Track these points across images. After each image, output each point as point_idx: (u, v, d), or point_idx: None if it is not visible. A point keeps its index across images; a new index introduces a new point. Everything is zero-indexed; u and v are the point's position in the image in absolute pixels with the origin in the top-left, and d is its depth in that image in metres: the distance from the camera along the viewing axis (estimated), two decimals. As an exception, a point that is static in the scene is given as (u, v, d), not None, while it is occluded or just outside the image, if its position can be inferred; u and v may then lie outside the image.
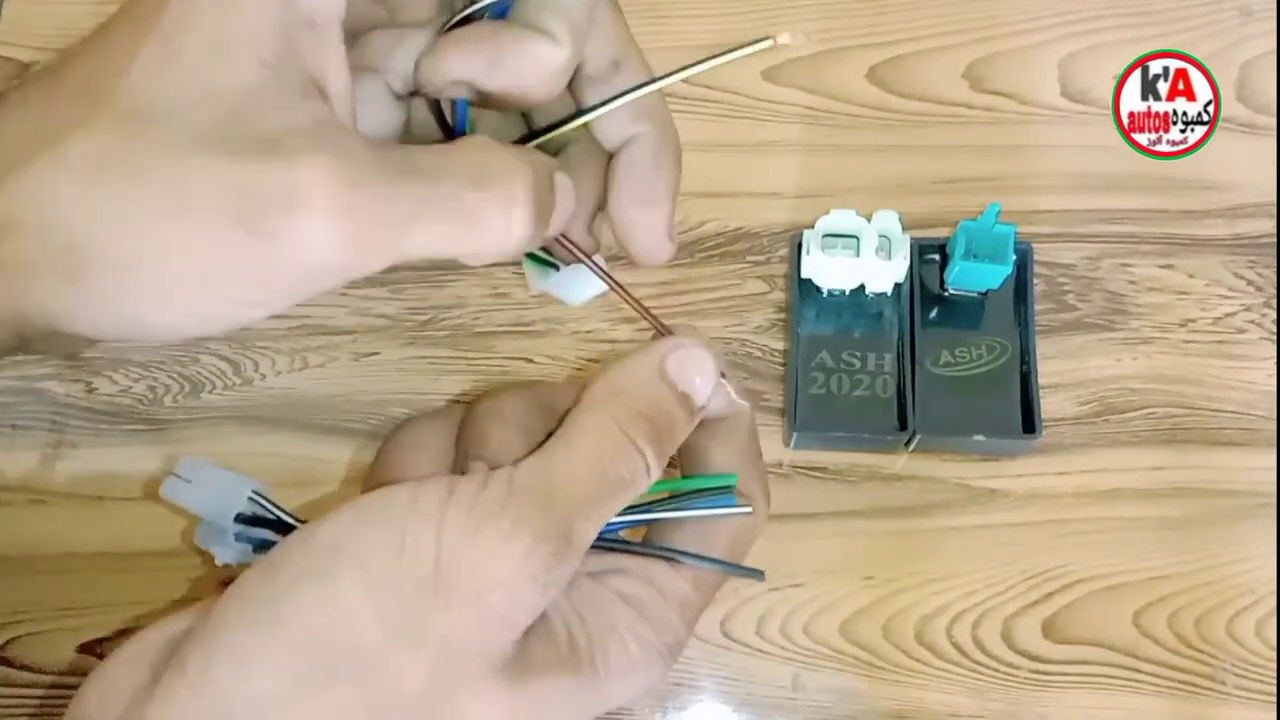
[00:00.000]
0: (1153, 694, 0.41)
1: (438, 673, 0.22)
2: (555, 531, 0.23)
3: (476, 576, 0.22)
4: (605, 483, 0.24)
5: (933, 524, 0.43)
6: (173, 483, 0.28)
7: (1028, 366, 0.43)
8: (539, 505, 0.23)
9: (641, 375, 0.26)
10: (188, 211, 0.21)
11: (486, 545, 0.22)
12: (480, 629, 0.22)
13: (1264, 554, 0.42)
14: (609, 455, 0.25)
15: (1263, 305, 0.46)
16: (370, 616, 0.22)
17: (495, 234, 0.23)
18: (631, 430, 0.25)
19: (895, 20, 0.51)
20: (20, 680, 0.42)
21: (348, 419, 0.45)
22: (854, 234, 0.43)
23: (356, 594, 0.22)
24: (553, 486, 0.24)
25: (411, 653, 0.22)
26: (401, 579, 0.22)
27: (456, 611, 0.22)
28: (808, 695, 0.41)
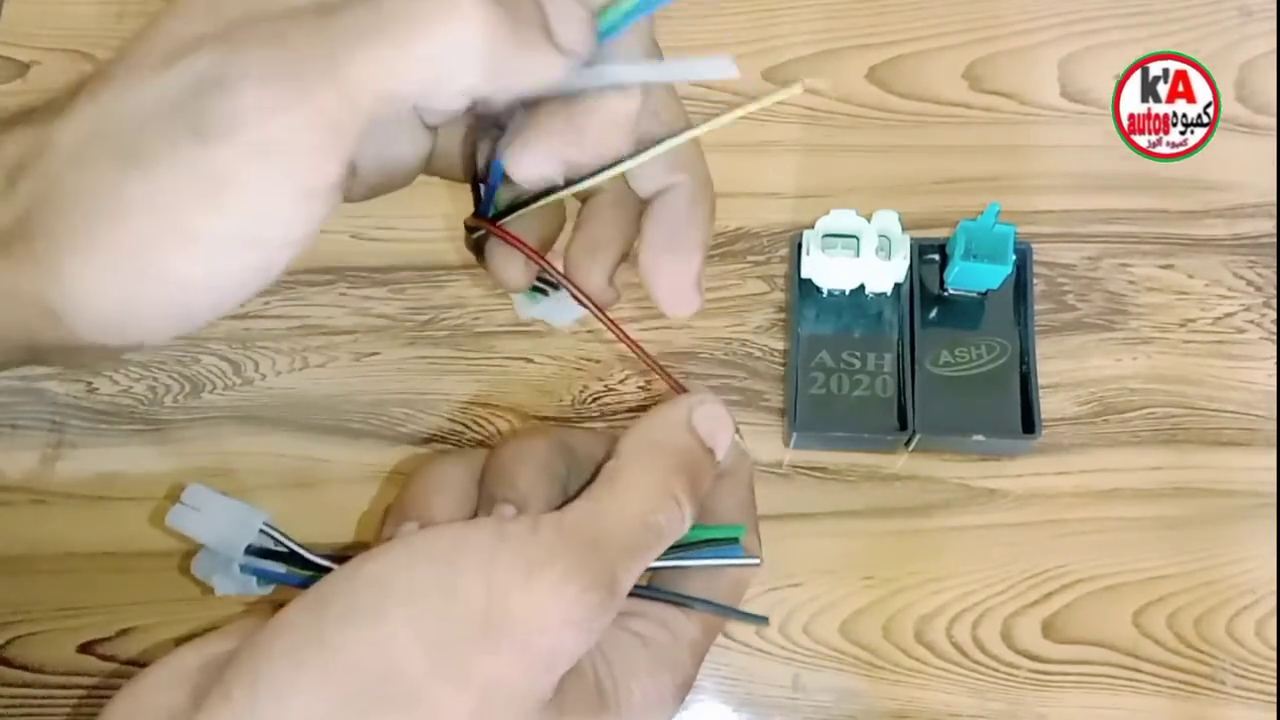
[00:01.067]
0: (1153, 694, 0.41)
1: (480, 714, 0.22)
2: (602, 580, 0.23)
3: (526, 621, 0.22)
4: (647, 533, 0.25)
5: (932, 524, 0.43)
6: (180, 511, 0.28)
7: (1027, 366, 0.43)
8: (588, 553, 0.23)
9: (676, 430, 0.27)
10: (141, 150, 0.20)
11: (538, 590, 0.22)
12: (527, 673, 0.23)
13: (1264, 554, 0.42)
14: (652, 507, 0.25)
15: (1262, 305, 0.46)
16: (417, 654, 0.22)
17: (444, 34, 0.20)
18: (672, 482, 0.26)
19: (895, 20, 0.51)
20: (20, 680, 0.42)
21: (348, 419, 0.45)
22: (854, 234, 0.43)
23: (405, 631, 0.22)
24: (600, 535, 0.24)
25: (456, 692, 0.22)
26: (451, 618, 0.22)
27: (504, 654, 0.22)
28: (808, 695, 0.41)
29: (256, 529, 0.28)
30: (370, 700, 0.21)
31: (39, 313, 0.22)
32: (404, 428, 0.45)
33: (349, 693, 0.21)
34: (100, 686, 0.41)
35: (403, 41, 0.20)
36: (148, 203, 0.20)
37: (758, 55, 0.51)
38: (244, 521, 0.28)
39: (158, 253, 0.20)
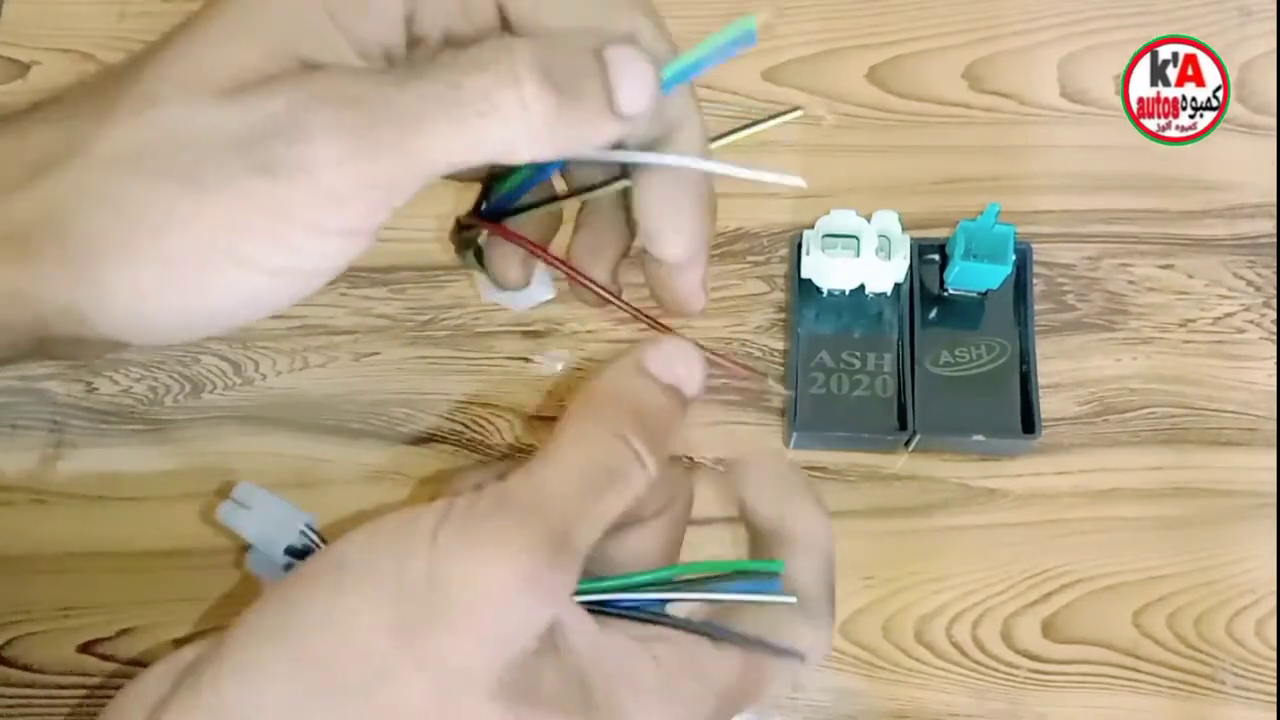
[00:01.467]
0: (1153, 694, 0.41)
1: (440, 690, 0.22)
2: (544, 538, 0.22)
3: (468, 591, 0.22)
4: (593, 480, 0.24)
5: (932, 524, 0.43)
6: (229, 507, 0.28)
7: (1027, 366, 0.43)
8: (527, 512, 0.23)
9: (622, 375, 0.26)
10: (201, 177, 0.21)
11: (476, 558, 0.22)
12: (478, 645, 0.22)
13: (1264, 554, 0.42)
14: (593, 452, 0.24)
15: (1262, 305, 0.46)
16: (375, 632, 0.22)
17: (510, 115, 0.22)
18: (613, 424, 0.24)
19: (895, 20, 0.51)
20: (20, 680, 0.42)
21: (348, 419, 0.45)
22: (854, 234, 0.43)
23: (362, 609, 0.22)
24: (541, 492, 0.23)
25: (414, 669, 0.22)
26: (402, 597, 0.22)
27: (450, 627, 0.22)
28: (808, 695, 0.41)
29: (298, 530, 0.28)
30: (332, 677, 0.21)
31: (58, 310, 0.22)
32: (404, 428, 0.45)
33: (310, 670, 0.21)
34: (100, 686, 0.41)
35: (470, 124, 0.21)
36: (202, 223, 0.21)
37: (758, 55, 0.51)
38: (287, 521, 0.28)
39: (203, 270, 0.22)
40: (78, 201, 0.21)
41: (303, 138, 0.21)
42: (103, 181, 0.21)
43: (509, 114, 0.22)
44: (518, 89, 0.22)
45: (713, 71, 0.53)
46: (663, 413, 0.26)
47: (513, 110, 0.22)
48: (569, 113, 0.22)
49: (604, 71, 0.23)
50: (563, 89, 0.22)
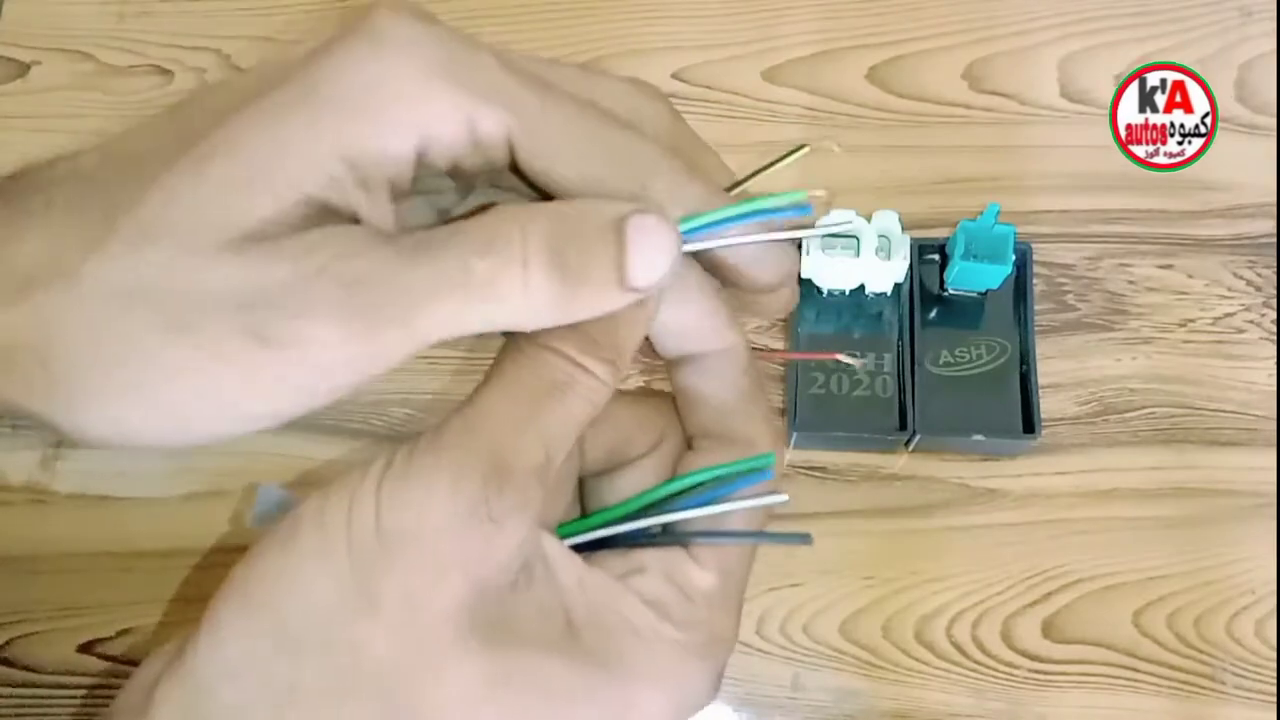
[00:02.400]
0: (1152, 694, 0.41)
1: (402, 637, 0.21)
2: (479, 460, 0.22)
3: (413, 524, 0.21)
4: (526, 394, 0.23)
5: (932, 524, 0.43)
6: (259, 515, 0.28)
7: (1027, 366, 0.43)
8: (460, 441, 0.22)
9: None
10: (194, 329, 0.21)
11: (412, 497, 0.21)
12: (435, 584, 0.21)
13: (1264, 554, 0.42)
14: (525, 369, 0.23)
15: (1262, 305, 0.46)
16: (326, 582, 0.21)
17: (513, 300, 0.22)
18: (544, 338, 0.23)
19: (895, 20, 0.51)
20: (20, 680, 0.42)
21: (348, 419, 0.45)
22: (854, 234, 0.43)
23: (312, 561, 0.22)
24: (471, 420, 0.22)
25: (369, 617, 0.21)
26: (350, 542, 0.21)
27: (403, 564, 0.21)
28: (807, 695, 0.41)
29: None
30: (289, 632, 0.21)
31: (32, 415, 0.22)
32: (404, 428, 0.45)
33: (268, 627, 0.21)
34: (100, 686, 0.41)
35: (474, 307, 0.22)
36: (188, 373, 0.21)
37: (758, 55, 0.51)
38: None
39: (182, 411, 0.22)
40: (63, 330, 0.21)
41: (304, 313, 0.21)
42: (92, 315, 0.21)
43: (513, 298, 0.22)
44: (524, 273, 0.22)
45: (713, 72, 0.53)
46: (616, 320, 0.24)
47: (516, 295, 0.22)
48: (574, 293, 0.22)
49: (620, 247, 0.22)
50: (568, 273, 0.22)
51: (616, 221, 0.23)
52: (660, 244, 0.23)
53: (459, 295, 0.21)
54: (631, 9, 0.52)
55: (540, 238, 0.22)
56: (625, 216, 0.23)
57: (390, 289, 0.21)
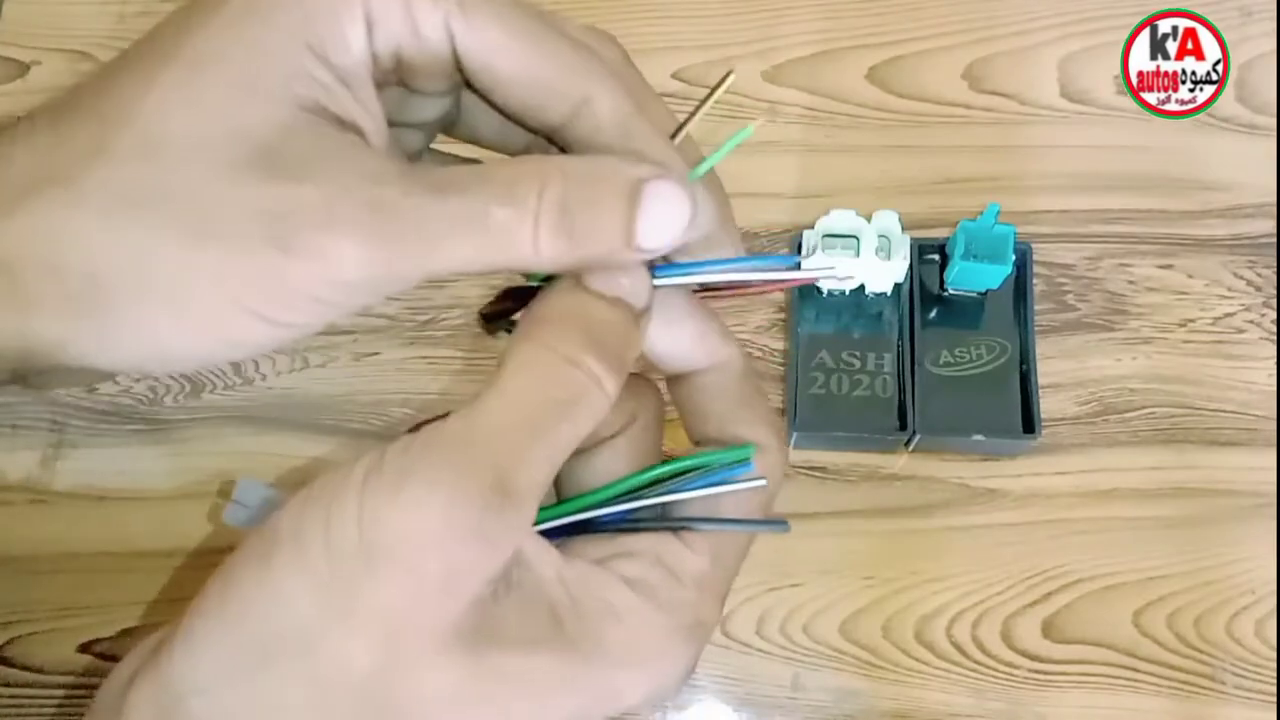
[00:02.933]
0: (1152, 694, 0.41)
1: (384, 649, 0.21)
2: (479, 478, 0.21)
3: (401, 540, 0.20)
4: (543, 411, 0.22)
5: (932, 524, 0.43)
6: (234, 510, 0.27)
7: (1027, 366, 0.43)
8: (459, 452, 0.21)
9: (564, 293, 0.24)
10: (219, 236, 0.21)
11: (405, 507, 0.20)
12: (420, 598, 0.21)
13: (1264, 554, 0.42)
14: (542, 380, 0.22)
15: (1262, 305, 0.46)
16: (303, 595, 0.21)
17: (522, 251, 0.22)
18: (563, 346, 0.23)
19: (895, 20, 0.51)
20: (20, 680, 0.42)
21: (348, 419, 0.45)
22: (854, 234, 0.43)
23: (289, 573, 0.21)
24: (477, 429, 0.22)
25: (349, 630, 0.21)
26: (330, 553, 0.21)
27: (387, 580, 0.20)
28: (807, 695, 0.41)
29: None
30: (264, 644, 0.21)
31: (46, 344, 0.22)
32: (404, 428, 0.45)
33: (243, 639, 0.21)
34: (100, 686, 0.41)
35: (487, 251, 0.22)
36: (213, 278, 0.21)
37: (758, 55, 0.51)
38: None
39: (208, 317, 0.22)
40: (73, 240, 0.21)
41: (329, 228, 0.21)
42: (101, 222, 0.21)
43: (522, 250, 0.22)
44: (535, 230, 0.22)
45: (713, 72, 0.53)
46: (615, 328, 0.24)
47: (526, 247, 0.22)
48: (580, 253, 0.22)
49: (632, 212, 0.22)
50: (576, 235, 0.22)
51: (634, 184, 0.23)
52: (673, 211, 0.23)
53: (475, 238, 0.22)
54: (631, 9, 0.52)
55: (554, 197, 0.22)
56: (644, 180, 0.23)
57: (414, 221, 0.21)
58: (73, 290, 0.21)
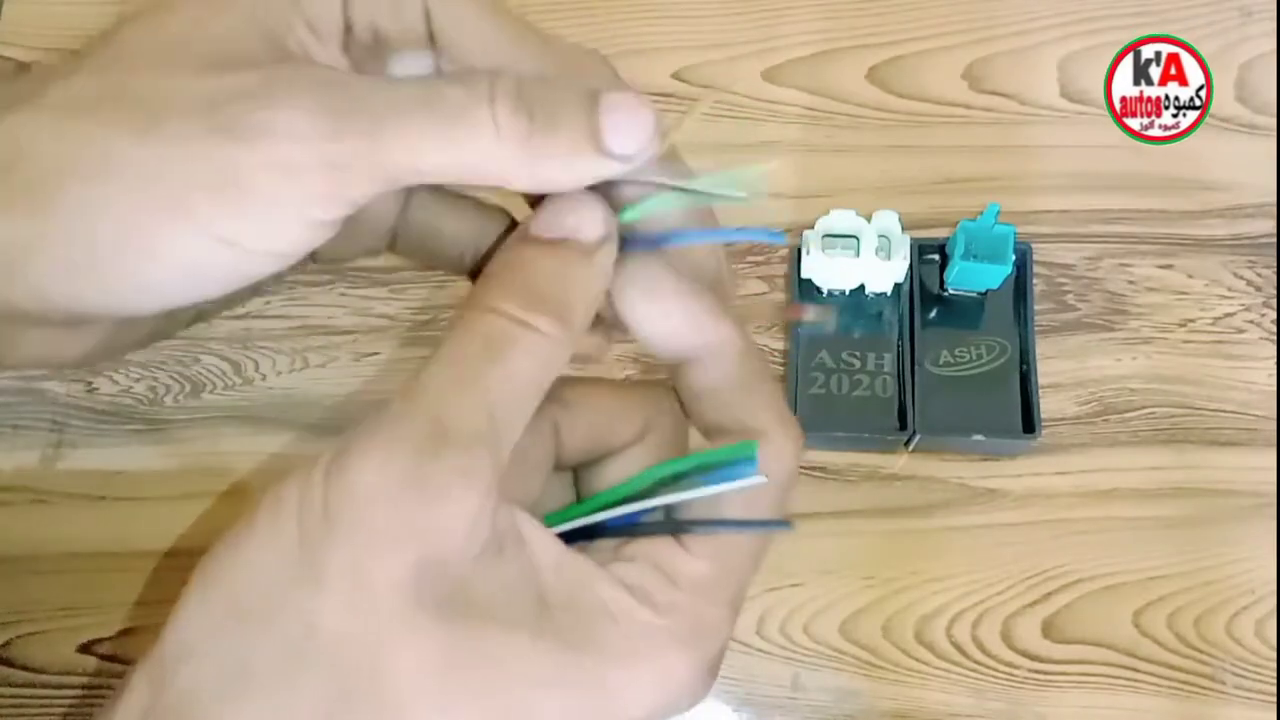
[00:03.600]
0: (1152, 694, 0.41)
1: (351, 610, 0.21)
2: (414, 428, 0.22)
3: (350, 496, 0.21)
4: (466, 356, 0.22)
5: (932, 524, 0.43)
6: None
7: (1027, 366, 0.43)
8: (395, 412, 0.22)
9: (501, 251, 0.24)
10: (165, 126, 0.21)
11: (351, 464, 0.21)
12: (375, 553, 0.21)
13: (1264, 554, 0.42)
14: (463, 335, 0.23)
15: (1262, 305, 0.46)
16: (274, 557, 0.21)
17: (482, 134, 0.22)
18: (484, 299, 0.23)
19: (895, 20, 0.51)
20: (20, 680, 0.42)
21: (348, 419, 0.45)
22: (854, 234, 0.43)
23: (264, 538, 0.22)
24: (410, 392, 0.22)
25: (315, 589, 0.21)
26: (299, 522, 0.21)
27: (344, 540, 0.21)
28: (807, 695, 0.41)
29: None
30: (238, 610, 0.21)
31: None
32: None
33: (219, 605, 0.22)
34: (101, 686, 0.41)
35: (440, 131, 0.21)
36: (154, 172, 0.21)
37: (758, 55, 0.51)
38: None
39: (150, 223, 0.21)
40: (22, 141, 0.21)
41: (271, 105, 0.21)
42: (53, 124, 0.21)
43: (481, 130, 0.22)
44: (491, 107, 0.22)
45: (713, 72, 0.53)
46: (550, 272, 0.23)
47: (485, 127, 0.22)
48: (544, 140, 0.22)
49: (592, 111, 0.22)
50: (537, 116, 0.22)
51: (591, 92, 0.23)
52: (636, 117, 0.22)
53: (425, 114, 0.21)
54: (631, 9, 0.52)
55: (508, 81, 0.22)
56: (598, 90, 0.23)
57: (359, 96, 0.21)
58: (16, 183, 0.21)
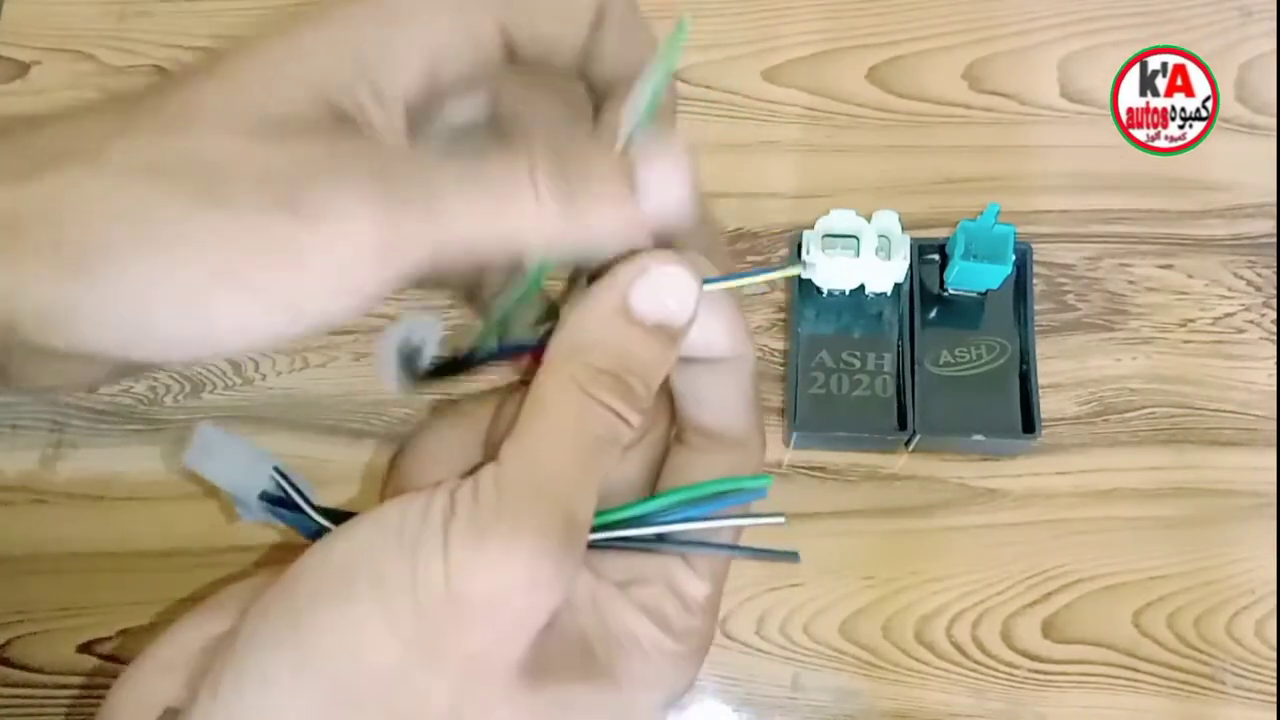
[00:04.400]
0: (1152, 694, 0.41)
1: (462, 691, 0.22)
2: (554, 526, 0.22)
3: (487, 593, 0.21)
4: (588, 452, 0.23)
5: (933, 524, 0.43)
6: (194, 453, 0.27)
7: (1027, 366, 0.43)
8: (531, 503, 0.22)
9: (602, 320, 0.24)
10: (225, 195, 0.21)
11: (491, 559, 0.21)
12: (499, 643, 0.22)
13: (1264, 554, 0.42)
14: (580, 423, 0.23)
15: (1262, 305, 0.46)
16: (389, 640, 0.21)
17: (525, 201, 0.22)
18: (595, 390, 0.23)
19: (895, 20, 0.51)
20: (20, 680, 0.42)
21: (348, 419, 0.45)
22: (854, 234, 0.43)
23: (374, 617, 0.21)
24: (537, 473, 0.23)
25: (433, 674, 0.21)
26: (417, 601, 0.21)
27: (472, 629, 0.21)
28: (807, 695, 0.41)
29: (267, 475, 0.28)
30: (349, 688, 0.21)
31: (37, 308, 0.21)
32: (404, 428, 0.45)
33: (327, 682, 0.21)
34: (100, 686, 0.41)
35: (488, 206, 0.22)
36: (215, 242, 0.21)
37: (758, 55, 0.51)
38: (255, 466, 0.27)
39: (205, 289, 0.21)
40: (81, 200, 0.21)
41: (337, 186, 0.21)
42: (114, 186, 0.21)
43: (524, 199, 0.22)
44: (531, 176, 0.22)
45: (713, 72, 0.53)
46: (649, 366, 0.24)
47: (527, 196, 0.22)
48: (582, 200, 0.22)
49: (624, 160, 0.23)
50: (574, 179, 0.22)
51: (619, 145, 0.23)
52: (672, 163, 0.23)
53: (473, 188, 0.22)
54: (631, 9, 0.52)
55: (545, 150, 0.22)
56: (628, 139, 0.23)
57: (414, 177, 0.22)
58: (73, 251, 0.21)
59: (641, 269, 0.24)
